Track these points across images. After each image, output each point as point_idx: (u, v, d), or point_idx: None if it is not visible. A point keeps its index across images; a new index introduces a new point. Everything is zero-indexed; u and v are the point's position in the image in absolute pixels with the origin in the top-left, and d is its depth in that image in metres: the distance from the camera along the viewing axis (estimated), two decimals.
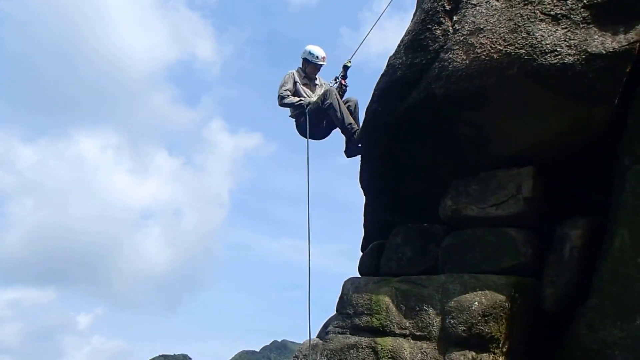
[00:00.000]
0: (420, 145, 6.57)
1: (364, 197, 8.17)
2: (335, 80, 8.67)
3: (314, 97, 8.50)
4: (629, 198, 4.99)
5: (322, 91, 8.62)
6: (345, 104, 8.13)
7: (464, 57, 5.68)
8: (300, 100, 8.33)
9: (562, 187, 6.07)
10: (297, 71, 8.67)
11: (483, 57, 5.52)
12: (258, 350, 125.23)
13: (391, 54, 6.81)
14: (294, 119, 8.57)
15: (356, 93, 8.78)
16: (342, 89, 8.71)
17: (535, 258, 5.82)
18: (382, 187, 7.55)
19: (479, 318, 5.43)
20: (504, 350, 5.45)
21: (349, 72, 8.69)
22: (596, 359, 4.95)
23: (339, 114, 7.95)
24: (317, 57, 8.44)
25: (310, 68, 8.58)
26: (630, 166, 5.08)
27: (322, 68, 8.81)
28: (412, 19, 6.95)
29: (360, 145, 7.91)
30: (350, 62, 8.58)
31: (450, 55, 5.80)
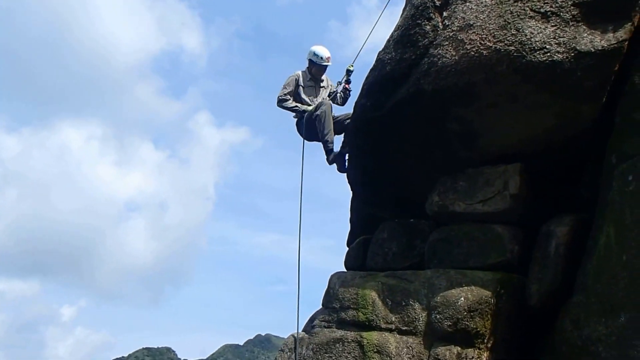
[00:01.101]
0: (408, 140, 6.57)
1: (351, 192, 8.18)
2: (338, 84, 8.75)
3: (318, 99, 8.55)
4: (616, 196, 5.01)
5: (326, 93, 8.70)
6: (346, 119, 8.16)
7: (454, 53, 5.68)
8: (296, 106, 8.40)
9: (549, 184, 6.11)
10: (304, 72, 8.67)
11: (472, 53, 5.53)
12: (242, 344, 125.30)
13: (380, 48, 6.81)
14: (295, 119, 8.64)
15: (333, 72, 8.81)
16: (346, 94, 8.83)
17: (521, 254, 5.84)
18: (369, 182, 7.55)
19: (465, 313, 5.45)
20: (489, 345, 5.47)
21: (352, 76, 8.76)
22: (580, 355, 4.97)
23: (321, 127, 8.01)
24: (322, 57, 8.43)
25: (315, 69, 8.58)
26: (618, 164, 5.10)
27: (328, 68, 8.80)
28: (402, 14, 6.93)
29: (335, 164, 8.05)
30: (352, 66, 8.65)
31: (440, 51, 5.80)
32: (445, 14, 5.97)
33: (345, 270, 7.47)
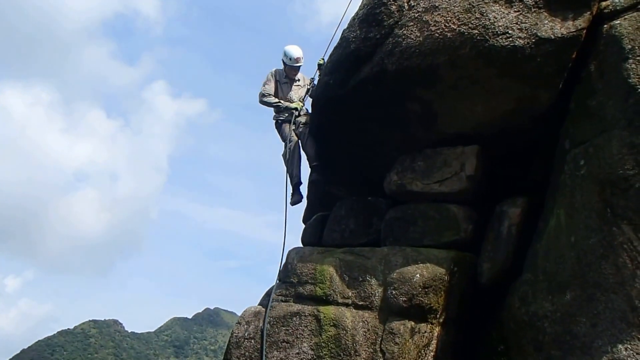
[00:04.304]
0: (369, 119, 6.62)
1: (309, 169, 8.20)
2: (312, 80, 8.74)
3: (294, 98, 8.58)
4: (567, 180, 5.20)
5: (303, 92, 8.69)
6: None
7: (418, 34, 5.73)
8: (279, 102, 8.43)
9: (504, 166, 6.28)
10: (279, 70, 8.69)
11: (437, 35, 5.59)
12: (190, 317, 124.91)
13: (337, 21, 6.77)
14: (274, 121, 8.64)
15: (309, 64, 8.80)
16: None
17: (475, 234, 6.04)
18: (329, 159, 7.58)
19: (420, 289, 5.59)
20: (441, 320, 5.66)
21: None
22: (526, 331, 5.19)
23: (288, 164, 8.09)
24: (291, 58, 8.47)
25: (288, 69, 8.61)
26: (570, 149, 5.29)
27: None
28: None
29: (295, 199, 8.05)
30: (323, 59, 8.62)
31: (405, 32, 5.83)
32: None
33: (301, 245, 7.52)
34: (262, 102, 8.52)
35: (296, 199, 8.07)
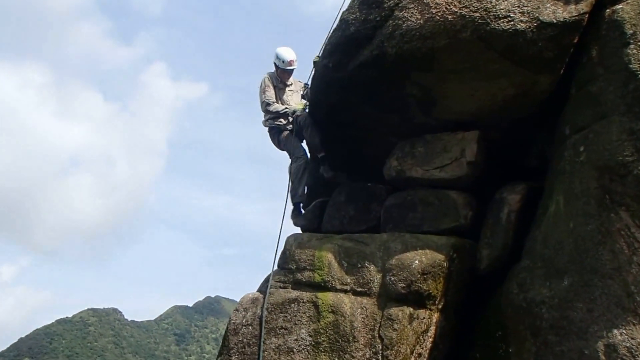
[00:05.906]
0: (368, 104, 6.57)
1: (309, 154, 8.17)
2: (305, 86, 8.57)
3: (290, 103, 8.35)
4: (567, 166, 5.17)
5: (298, 97, 8.50)
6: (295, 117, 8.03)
7: (419, 17, 5.65)
8: (286, 108, 8.17)
9: (504, 152, 6.24)
10: (272, 73, 8.43)
11: (437, 17, 5.52)
12: (191, 305, 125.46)
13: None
14: (266, 128, 8.43)
15: (311, 49, 8.63)
16: None
17: (474, 220, 6.02)
18: (328, 145, 7.54)
19: (419, 276, 5.58)
20: (440, 306, 5.66)
21: None
22: (524, 317, 5.18)
23: (296, 183, 7.94)
24: (284, 61, 8.21)
25: (280, 72, 8.37)
26: (570, 135, 5.25)
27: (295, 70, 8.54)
28: None
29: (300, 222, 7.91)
30: (318, 57, 8.49)
31: (405, 14, 5.76)
32: None
33: (301, 232, 7.51)
34: (268, 111, 8.21)
35: (301, 221, 7.92)
